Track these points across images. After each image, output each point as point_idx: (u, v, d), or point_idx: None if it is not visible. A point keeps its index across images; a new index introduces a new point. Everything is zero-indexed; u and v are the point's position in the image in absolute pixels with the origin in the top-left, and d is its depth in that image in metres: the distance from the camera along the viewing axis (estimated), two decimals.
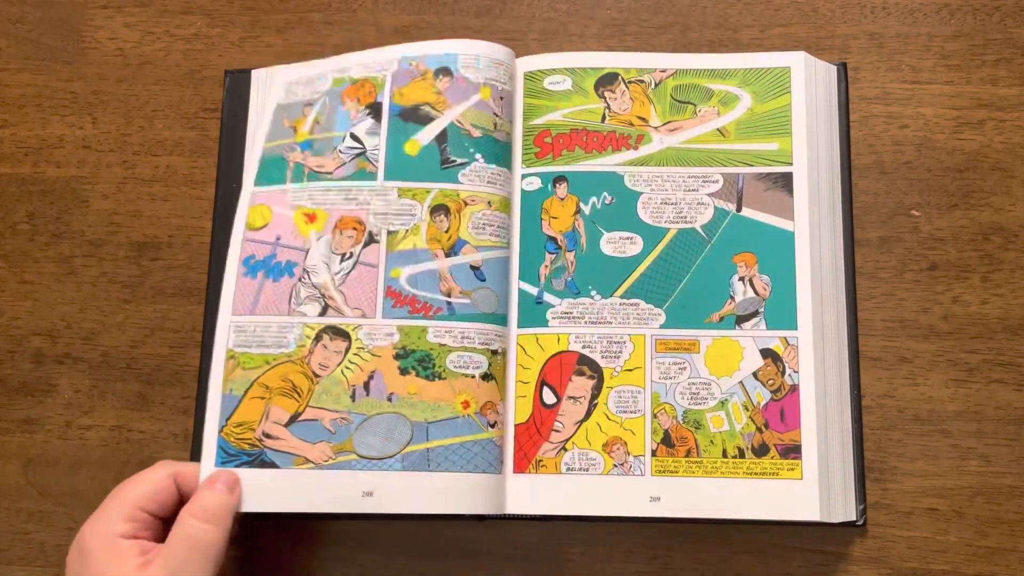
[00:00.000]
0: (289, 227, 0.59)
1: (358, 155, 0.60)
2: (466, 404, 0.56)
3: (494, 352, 0.57)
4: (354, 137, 0.60)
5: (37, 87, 0.66)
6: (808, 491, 0.55)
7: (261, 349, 0.57)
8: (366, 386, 0.57)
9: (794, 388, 0.56)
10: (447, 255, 0.58)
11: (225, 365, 0.57)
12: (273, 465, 0.55)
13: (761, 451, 0.56)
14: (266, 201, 0.60)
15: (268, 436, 0.56)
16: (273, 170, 0.61)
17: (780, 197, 0.59)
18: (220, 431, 0.56)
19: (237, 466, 0.55)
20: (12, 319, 0.63)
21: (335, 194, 0.60)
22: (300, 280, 0.58)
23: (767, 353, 0.57)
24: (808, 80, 0.60)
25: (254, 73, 0.64)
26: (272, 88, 0.64)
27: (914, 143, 0.62)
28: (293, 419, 0.56)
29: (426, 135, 0.60)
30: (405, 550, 0.59)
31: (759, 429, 0.56)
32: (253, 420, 0.56)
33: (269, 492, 0.55)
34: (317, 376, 0.57)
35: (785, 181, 0.59)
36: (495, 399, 0.57)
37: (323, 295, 0.58)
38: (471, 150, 0.59)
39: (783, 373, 0.57)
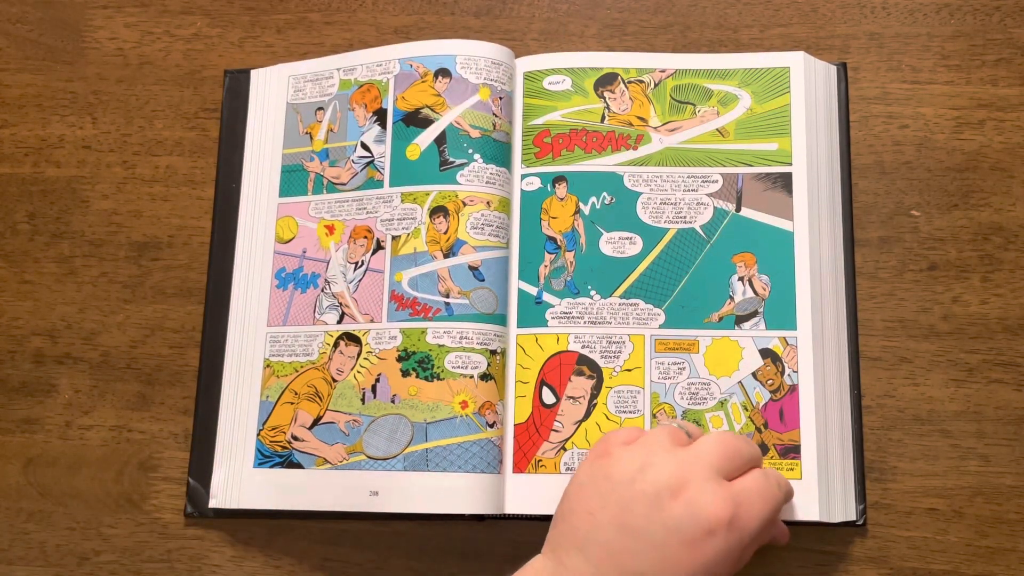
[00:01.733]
0: (313, 240, 0.61)
1: (368, 164, 0.61)
2: (464, 404, 0.56)
3: (493, 352, 0.57)
4: (364, 146, 0.61)
5: (37, 87, 0.67)
6: (807, 491, 0.55)
7: (292, 357, 0.60)
8: (373, 389, 0.58)
9: (793, 388, 0.56)
10: (445, 256, 0.58)
11: (262, 373, 0.60)
12: (299, 466, 0.58)
13: (760, 451, 0.56)
14: (290, 213, 0.62)
15: (296, 439, 0.58)
16: (295, 181, 0.62)
17: (780, 197, 0.59)
18: (258, 434, 0.59)
19: (271, 467, 0.58)
20: (12, 319, 0.63)
21: (349, 204, 0.61)
22: (323, 291, 0.60)
23: (766, 353, 0.57)
24: (808, 80, 0.60)
25: (254, 73, 0.65)
26: (275, 83, 0.64)
27: (914, 143, 0.62)
28: (315, 422, 0.58)
29: (426, 138, 0.60)
30: (405, 550, 0.59)
31: (758, 429, 0.56)
32: (284, 424, 0.59)
33: (296, 492, 0.57)
34: (335, 381, 0.59)
35: (785, 181, 0.59)
36: (494, 399, 0.57)
37: (340, 303, 0.60)
38: (469, 151, 0.59)
39: (782, 373, 0.56)
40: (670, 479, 0.46)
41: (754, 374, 0.57)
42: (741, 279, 0.58)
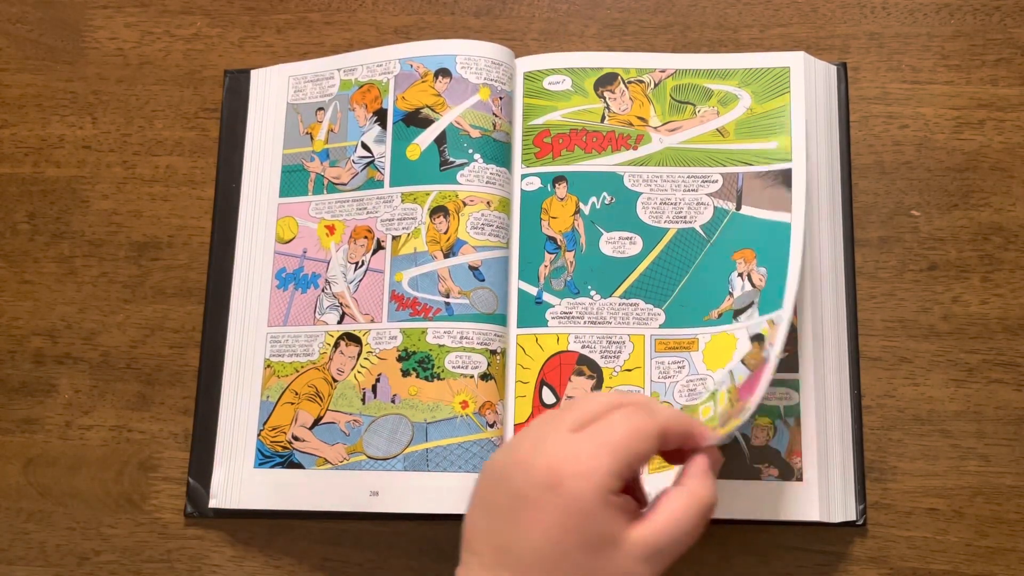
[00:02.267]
0: (313, 240, 0.61)
1: (368, 164, 0.61)
2: (464, 404, 0.56)
3: (493, 352, 0.57)
4: (364, 146, 0.61)
5: (37, 87, 0.67)
6: (807, 491, 0.55)
7: (292, 358, 0.60)
8: (374, 389, 0.58)
9: (766, 360, 0.53)
10: (446, 256, 0.58)
11: (263, 373, 0.60)
12: (300, 466, 0.58)
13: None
14: (291, 213, 0.62)
15: (296, 439, 0.58)
16: (295, 181, 0.62)
17: (779, 193, 0.59)
18: (258, 435, 0.59)
19: (272, 467, 0.58)
20: (12, 319, 0.63)
21: (350, 204, 0.61)
22: (323, 291, 0.60)
23: (756, 338, 0.56)
24: (808, 80, 0.60)
25: (254, 73, 0.65)
26: (275, 83, 0.64)
27: (914, 143, 0.62)
28: (316, 422, 0.58)
29: (426, 138, 0.60)
30: (405, 550, 0.59)
31: (731, 403, 0.54)
32: (285, 424, 0.59)
33: (297, 491, 0.58)
34: (335, 381, 0.59)
35: (784, 178, 0.59)
36: (494, 399, 0.57)
37: (340, 304, 0.60)
38: (470, 151, 0.59)
39: (763, 350, 0.55)
40: (518, 454, 0.44)
41: (743, 360, 0.56)
42: (740, 275, 0.58)
